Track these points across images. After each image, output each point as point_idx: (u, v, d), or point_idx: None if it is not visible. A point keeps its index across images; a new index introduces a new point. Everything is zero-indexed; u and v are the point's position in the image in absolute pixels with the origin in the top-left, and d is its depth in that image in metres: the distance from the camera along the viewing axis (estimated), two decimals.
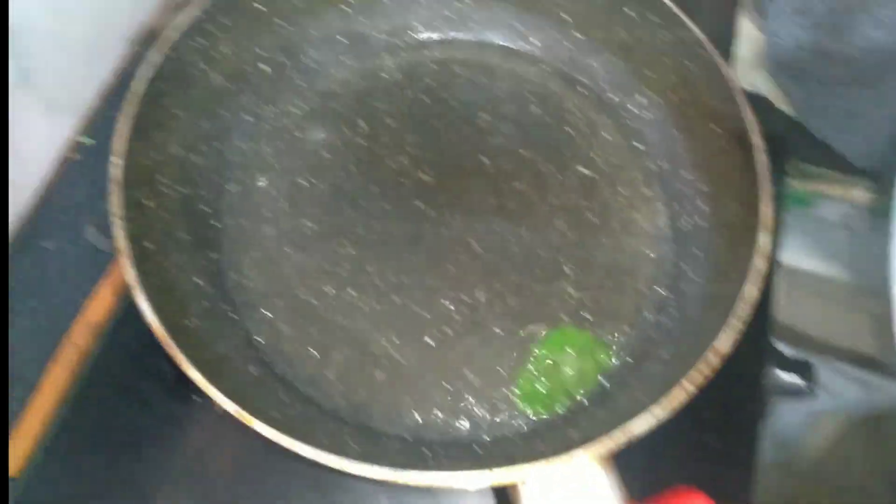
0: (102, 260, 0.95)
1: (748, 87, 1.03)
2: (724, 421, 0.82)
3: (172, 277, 0.69)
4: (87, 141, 1.13)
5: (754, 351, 0.84)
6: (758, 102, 0.78)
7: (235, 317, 0.76)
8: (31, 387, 0.96)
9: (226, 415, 0.59)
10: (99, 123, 1.16)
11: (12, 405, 0.96)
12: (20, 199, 1.06)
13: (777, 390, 0.85)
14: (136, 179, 0.69)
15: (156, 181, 0.72)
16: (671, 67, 0.86)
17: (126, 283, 0.61)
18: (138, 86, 0.70)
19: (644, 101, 0.92)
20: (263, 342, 0.76)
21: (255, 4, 0.84)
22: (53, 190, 1.08)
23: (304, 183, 0.86)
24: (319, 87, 0.93)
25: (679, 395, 0.63)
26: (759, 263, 0.69)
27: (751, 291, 0.67)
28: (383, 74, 0.95)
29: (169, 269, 0.70)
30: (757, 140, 0.75)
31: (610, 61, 0.93)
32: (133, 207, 0.67)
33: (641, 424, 0.61)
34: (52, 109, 1.07)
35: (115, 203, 0.63)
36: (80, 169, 1.11)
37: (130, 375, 0.82)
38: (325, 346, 0.76)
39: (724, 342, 0.65)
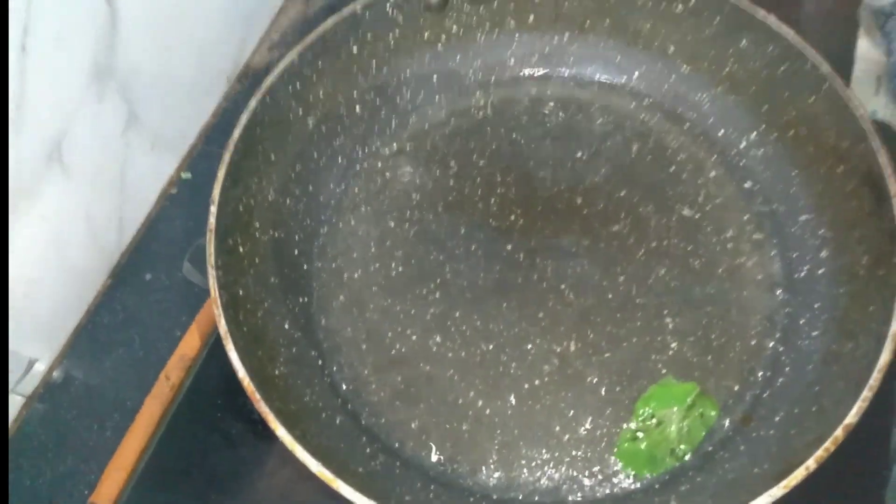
0: (198, 293, 0.97)
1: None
2: (845, 488, 0.73)
3: (262, 324, 0.70)
4: (186, 176, 1.18)
5: (881, 414, 0.76)
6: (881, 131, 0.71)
7: (321, 362, 0.75)
8: (129, 414, 1.00)
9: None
10: (197, 158, 1.20)
11: (107, 434, 1.00)
12: (127, 233, 1.11)
13: None
14: (230, 226, 0.69)
15: (250, 226, 0.73)
16: (789, 100, 0.79)
17: (215, 324, 0.62)
18: (237, 133, 0.71)
19: (757, 137, 0.85)
20: (348, 389, 0.75)
21: (351, 46, 0.83)
22: (154, 224, 1.13)
23: (393, 225, 0.85)
24: (412, 127, 0.92)
25: (801, 474, 0.57)
26: None
27: (886, 359, 0.60)
28: (476, 112, 0.92)
29: (259, 315, 0.70)
30: (893, 187, 0.67)
31: (719, 95, 0.87)
32: (227, 254, 0.68)
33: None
34: (157, 147, 1.11)
35: (211, 252, 0.64)
36: (178, 203, 1.16)
37: (218, 412, 0.83)
38: (409, 395, 0.75)
39: (854, 416, 0.58)
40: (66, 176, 0.97)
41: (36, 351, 1.01)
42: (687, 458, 0.70)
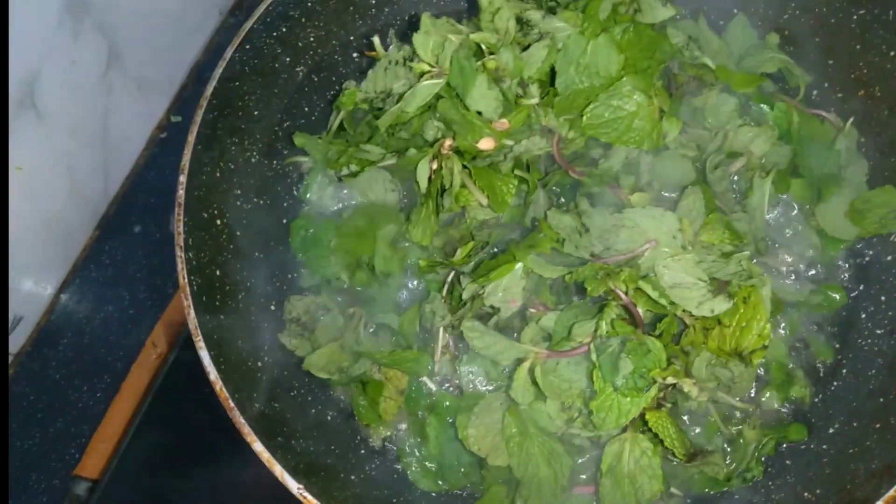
0: None
1: None
2: None
3: (243, 308, 0.62)
4: (176, 119, 1.09)
5: None
6: None
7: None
8: (120, 376, 0.95)
9: None
10: (187, 100, 1.10)
11: (98, 395, 0.95)
12: (113, 182, 1.03)
13: None
14: (205, 196, 0.60)
15: (229, 194, 0.64)
16: None
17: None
18: (210, 88, 0.61)
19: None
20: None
21: None
22: (143, 172, 1.04)
23: None
24: None
25: None
26: None
27: None
28: None
29: (240, 297, 0.62)
30: None
31: None
32: (201, 229, 0.59)
33: None
34: (143, 88, 1.02)
35: (179, 230, 0.56)
36: (168, 148, 1.07)
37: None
38: None
39: None
40: (42, 122, 0.88)
41: (21, 307, 0.96)
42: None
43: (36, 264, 0.95)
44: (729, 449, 0.61)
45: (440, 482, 0.63)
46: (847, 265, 0.68)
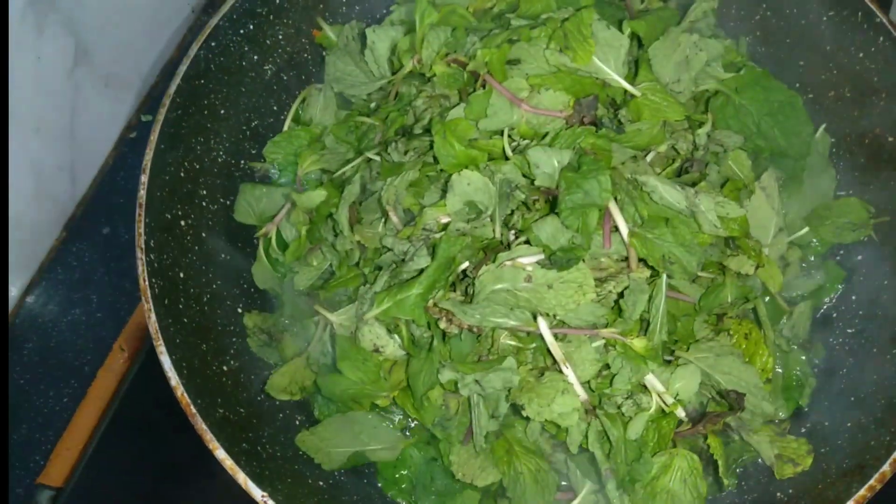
0: None
1: None
2: None
3: (208, 311, 0.60)
4: (146, 118, 1.06)
5: None
6: None
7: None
8: (88, 380, 0.93)
9: None
10: (158, 98, 1.07)
11: (64, 400, 0.93)
12: (81, 182, 1.01)
13: None
14: (168, 196, 0.59)
15: (194, 195, 0.63)
16: None
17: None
18: (174, 86, 0.60)
19: None
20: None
21: None
22: (111, 172, 1.02)
23: None
24: None
25: None
26: None
27: None
28: None
29: (204, 300, 0.60)
30: None
31: None
32: (164, 231, 0.58)
33: None
34: (112, 86, 0.99)
35: (140, 232, 0.54)
36: (138, 149, 1.04)
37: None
38: None
39: None
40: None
41: None
42: None
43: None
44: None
45: (413, 497, 0.62)
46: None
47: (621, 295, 0.55)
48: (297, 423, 0.63)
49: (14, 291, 0.96)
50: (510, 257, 0.54)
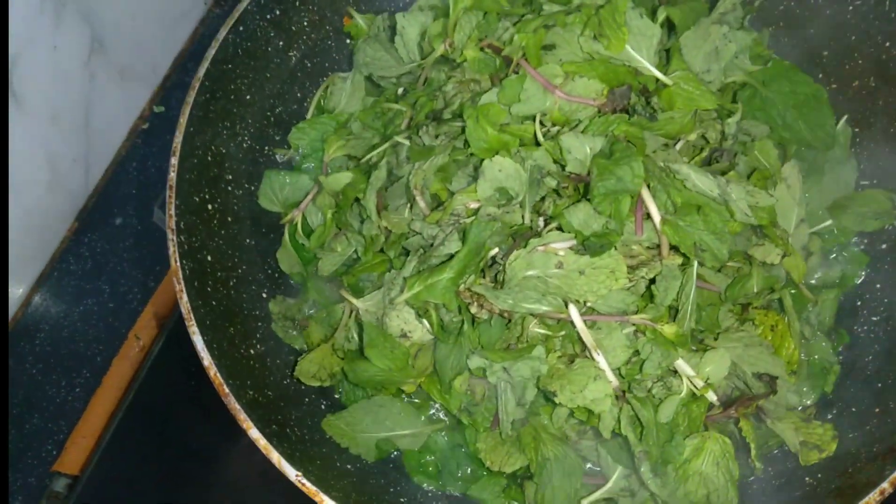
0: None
1: None
2: None
3: (234, 295, 0.60)
4: (159, 109, 1.06)
5: None
6: None
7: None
8: (100, 371, 0.92)
9: None
10: (171, 90, 1.08)
11: (77, 390, 0.92)
12: (94, 172, 1.01)
13: None
14: (196, 179, 0.59)
15: (221, 179, 0.62)
16: None
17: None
18: (203, 70, 0.59)
19: None
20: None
21: None
22: (124, 163, 1.02)
23: None
24: None
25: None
26: None
27: None
28: None
29: (231, 284, 0.60)
30: None
31: None
32: (192, 214, 0.58)
33: None
34: (126, 78, 0.99)
35: (171, 213, 0.54)
36: (150, 139, 1.05)
37: (192, 380, 0.74)
38: None
39: None
40: (21, 109, 0.86)
41: None
42: None
43: (12, 256, 0.92)
44: None
45: (439, 482, 0.61)
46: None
47: (652, 282, 0.56)
48: (323, 407, 0.63)
49: (26, 282, 0.96)
50: (542, 243, 0.54)
